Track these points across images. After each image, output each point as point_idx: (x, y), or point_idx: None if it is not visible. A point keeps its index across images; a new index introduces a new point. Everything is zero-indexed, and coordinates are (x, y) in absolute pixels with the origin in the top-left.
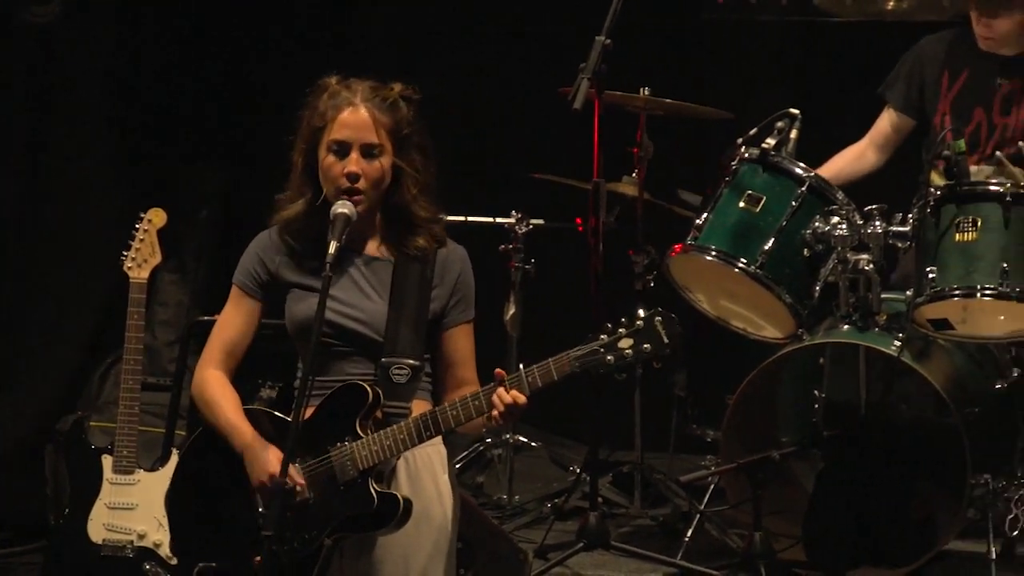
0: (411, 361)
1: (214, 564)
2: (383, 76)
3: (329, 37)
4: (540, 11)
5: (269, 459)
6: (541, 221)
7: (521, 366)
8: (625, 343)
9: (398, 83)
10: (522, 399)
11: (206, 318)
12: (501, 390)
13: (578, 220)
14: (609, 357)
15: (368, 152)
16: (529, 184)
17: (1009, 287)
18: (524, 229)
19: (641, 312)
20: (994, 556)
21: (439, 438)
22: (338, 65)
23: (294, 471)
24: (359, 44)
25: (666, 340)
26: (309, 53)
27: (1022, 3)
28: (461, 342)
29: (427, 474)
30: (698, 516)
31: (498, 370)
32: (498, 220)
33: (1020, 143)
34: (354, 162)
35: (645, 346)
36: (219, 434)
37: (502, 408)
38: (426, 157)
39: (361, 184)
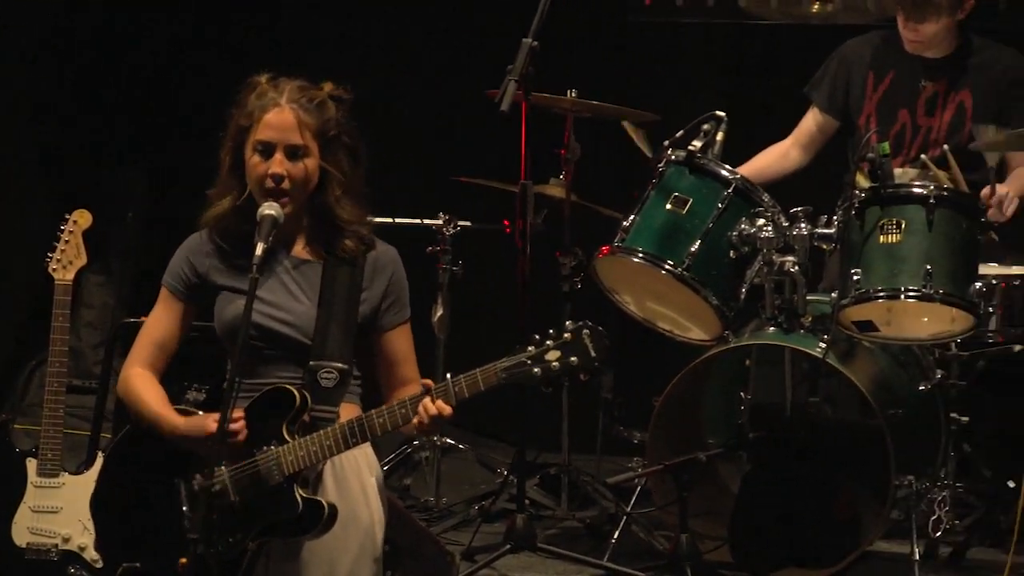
0: (339, 365)
1: (138, 565)
2: (311, 77)
3: (254, 37)
4: (468, 13)
5: (206, 421)
6: (469, 223)
7: (448, 376)
8: (552, 355)
9: (328, 83)
10: (448, 409)
11: (132, 320)
12: (427, 400)
13: (505, 222)
14: (536, 369)
15: (292, 153)
16: (457, 186)
17: (932, 289)
18: (452, 231)
19: (569, 324)
20: (917, 557)
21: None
22: (262, 65)
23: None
24: (285, 45)
25: (593, 354)
26: (234, 54)
27: (949, 7)
28: (400, 342)
29: (354, 477)
30: (625, 518)
31: (425, 380)
32: (425, 222)
33: (944, 145)
34: (278, 163)
35: (572, 359)
36: (145, 429)
37: (427, 419)
38: (354, 159)
39: (286, 185)
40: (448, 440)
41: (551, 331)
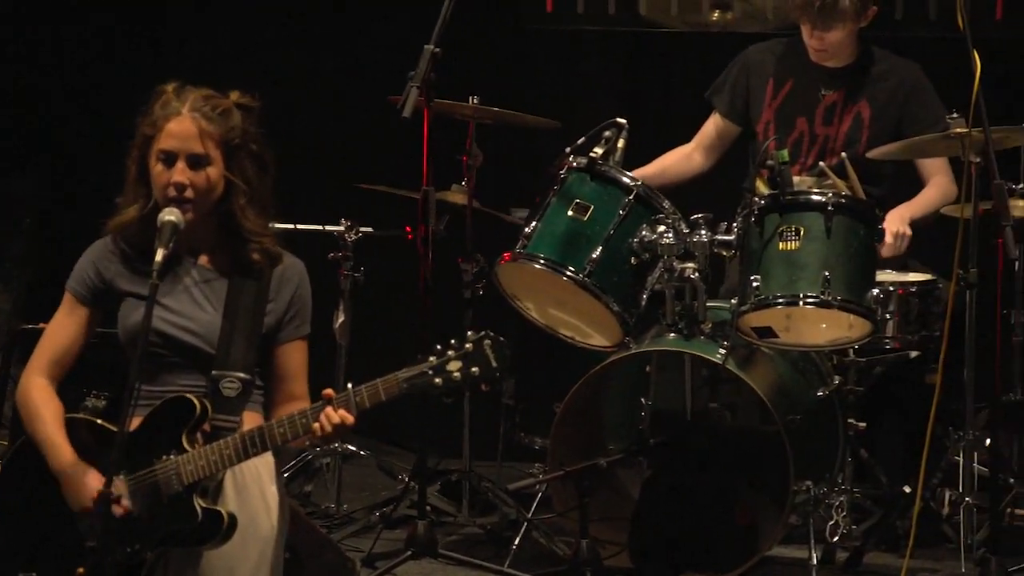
0: (242, 375)
1: (34, 575)
2: (214, 84)
3: (147, 43)
4: (369, 19)
5: (88, 484)
6: (371, 229)
7: (350, 385)
8: (454, 366)
9: (235, 92)
10: (350, 419)
11: (30, 326)
12: (329, 409)
13: (407, 228)
14: (437, 380)
15: (194, 162)
16: (359, 192)
17: (830, 296)
18: (353, 237)
19: (471, 334)
20: (815, 562)
21: None
22: (155, 71)
23: (119, 484)
24: (180, 50)
25: (495, 364)
26: (127, 60)
27: (854, 14)
28: (294, 357)
29: (254, 485)
30: (526, 524)
31: (327, 390)
32: (327, 228)
33: (843, 153)
34: (180, 172)
35: (474, 369)
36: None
37: (329, 428)
38: (261, 169)
39: (188, 194)
40: (349, 447)
41: (452, 341)
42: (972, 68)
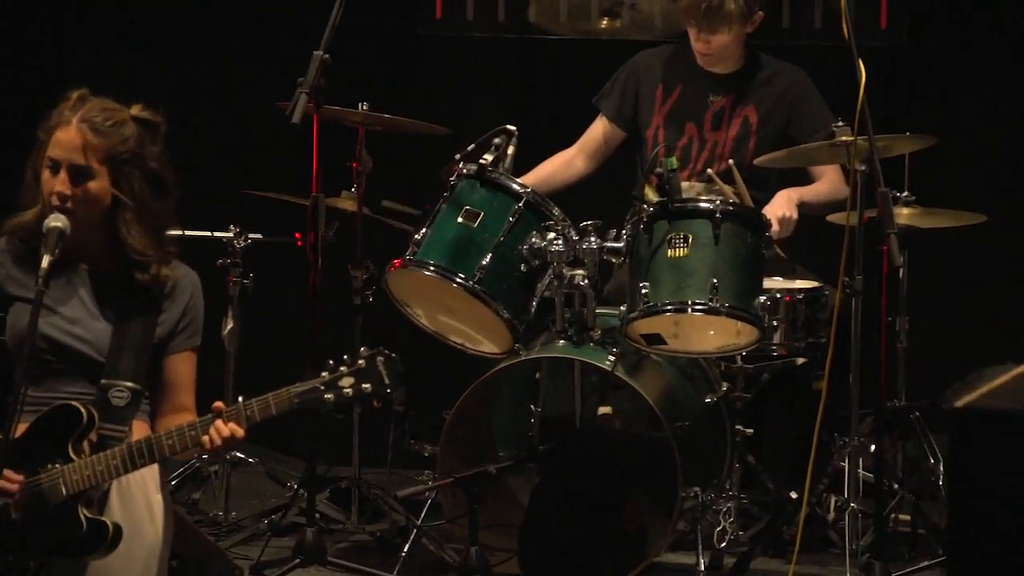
0: (131, 384)
1: None
2: (106, 88)
3: (48, 47)
4: (258, 23)
5: None
6: (260, 236)
7: (240, 399)
8: (346, 382)
9: (138, 105)
10: (240, 432)
11: None
12: (219, 422)
13: (297, 235)
14: (329, 395)
15: (76, 174)
16: (248, 198)
17: (718, 302)
18: (242, 243)
19: (364, 350)
20: (703, 568)
21: None
22: (53, 79)
23: (10, 474)
24: (78, 53)
25: (387, 381)
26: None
27: (740, 17)
28: (183, 368)
29: (139, 494)
30: (415, 531)
31: (217, 403)
32: (216, 234)
33: (730, 160)
34: (61, 182)
35: (365, 386)
36: None
37: (219, 441)
38: (155, 187)
39: (69, 205)
40: (238, 454)
41: (345, 357)
42: (857, 76)
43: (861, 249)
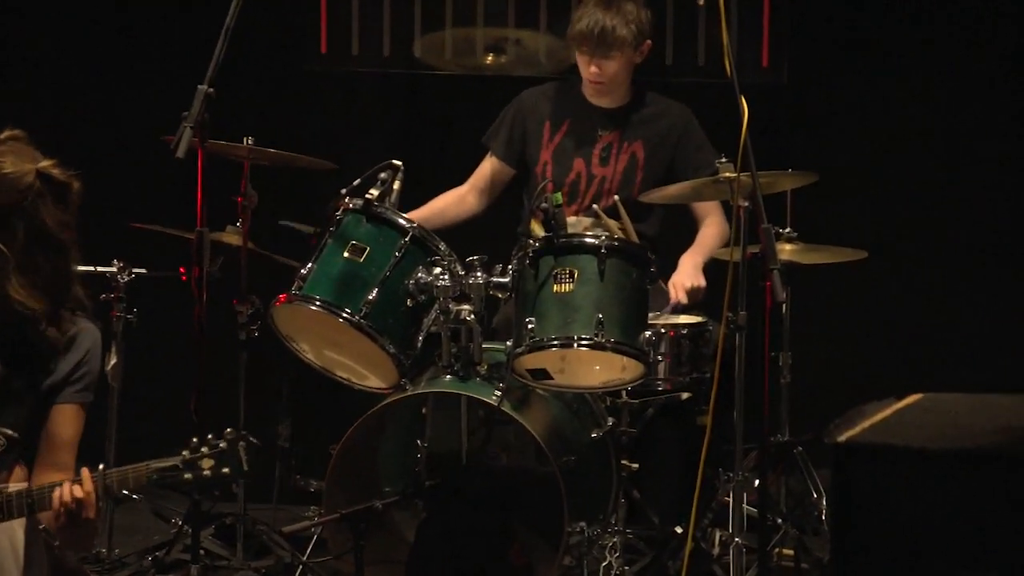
0: (10, 432)
1: None
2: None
3: None
4: (143, 56)
5: None
6: (144, 270)
7: (101, 466)
8: (206, 463)
9: (50, 161)
10: (91, 498)
11: None
12: (76, 487)
13: (182, 269)
14: (188, 475)
15: None
16: (132, 232)
17: (603, 338)
18: (126, 278)
19: (228, 432)
20: None
21: None
22: None
23: None
24: None
25: (245, 468)
26: None
27: (632, 42)
28: (67, 423)
29: (3, 534)
30: (301, 567)
31: (84, 469)
32: (99, 269)
33: (615, 196)
34: None
35: (224, 470)
36: None
37: (69, 499)
38: (41, 242)
39: None
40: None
41: (209, 436)
42: (740, 113)
43: (744, 285)
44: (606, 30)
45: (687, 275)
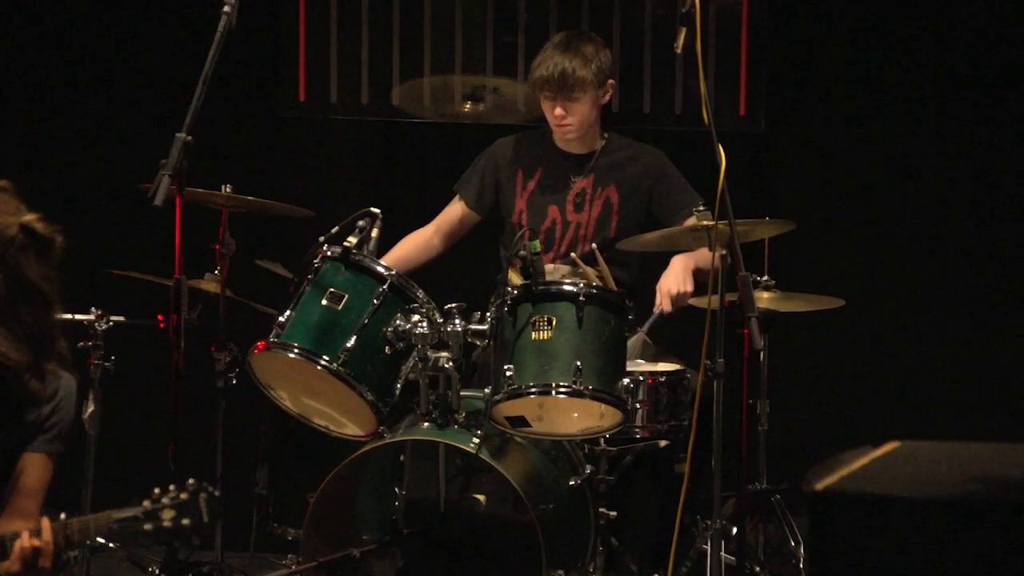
0: None
1: None
2: None
3: None
4: (121, 104)
5: None
6: (122, 318)
7: (63, 515)
8: (167, 515)
9: (35, 215)
10: (49, 547)
11: None
12: (34, 537)
13: (160, 317)
14: (148, 526)
15: None
16: (110, 279)
17: (582, 385)
18: (104, 326)
19: (191, 483)
20: None
21: None
22: None
23: None
24: None
25: (206, 520)
26: None
27: (594, 80)
28: (34, 470)
29: None
30: None
31: (44, 519)
32: (77, 316)
33: (592, 244)
34: None
35: (185, 521)
36: None
37: (27, 547)
38: (22, 293)
39: None
40: (99, 539)
41: (171, 487)
42: (717, 162)
43: (722, 332)
44: (566, 72)
45: (676, 279)
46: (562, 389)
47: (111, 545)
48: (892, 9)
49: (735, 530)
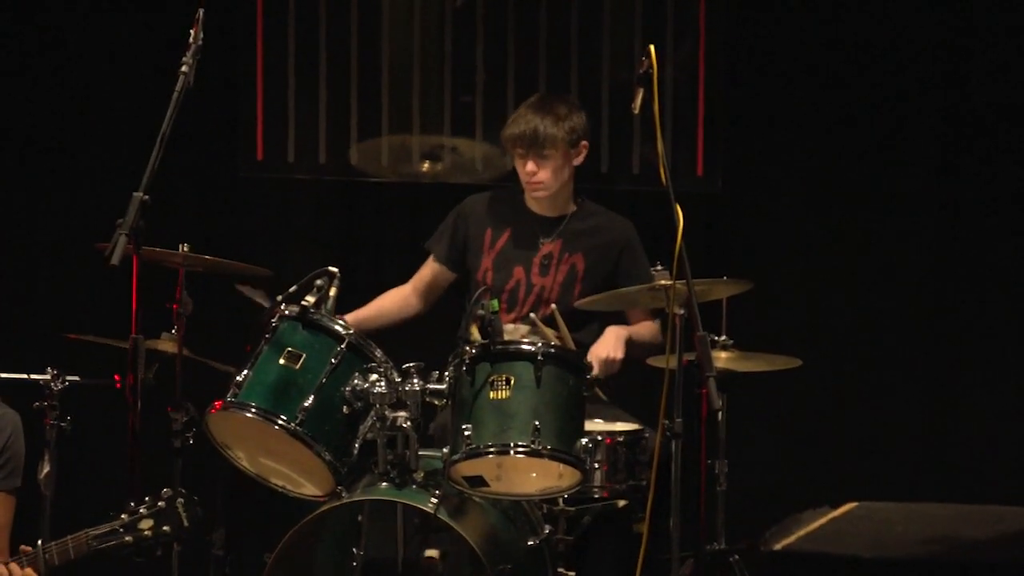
0: None
1: None
2: None
3: None
4: (76, 164)
5: None
6: (78, 378)
7: (40, 542)
8: (146, 524)
9: None
10: None
11: None
12: (15, 566)
13: (116, 376)
14: (128, 537)
15: None
16: (66, 340)
17: (540, 445)
18: (60, 386)
19: (165, 491)
20: None
21: None
22: None
23: None
24: None
25: (186, 523)
26: None
27: (566, 138)
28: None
29: None
30: None
31: (23, 546)
32: (32, 376)
33: (553, 305)
34: None
35: (165, 528)
36: None
37: None
38: None
39: None
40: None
41: (146, 498)
42: (675, 221)
43: (680, 392)
44: (538, 130)
45: (607, 345)
46: (520, 449)
47: None
48: (849, 69)
49: None
